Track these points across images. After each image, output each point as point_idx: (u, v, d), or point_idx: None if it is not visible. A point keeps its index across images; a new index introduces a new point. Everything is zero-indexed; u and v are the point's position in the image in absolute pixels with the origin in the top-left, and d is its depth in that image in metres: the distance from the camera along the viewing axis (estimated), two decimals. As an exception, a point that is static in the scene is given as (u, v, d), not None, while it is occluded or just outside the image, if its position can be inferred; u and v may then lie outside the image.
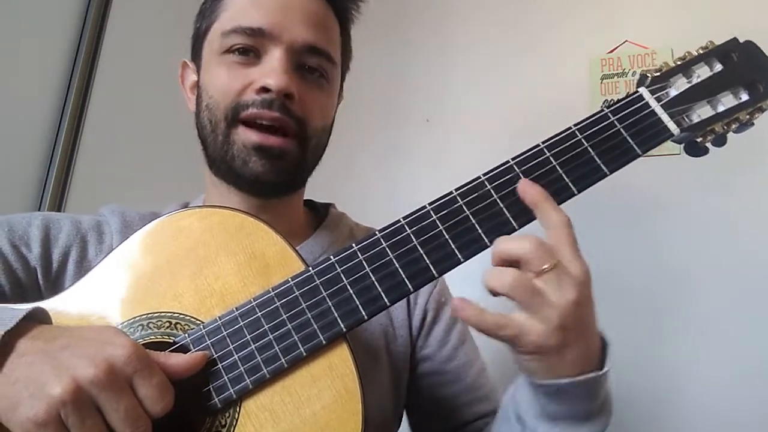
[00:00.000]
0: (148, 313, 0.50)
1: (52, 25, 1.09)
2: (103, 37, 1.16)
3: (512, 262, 0.45)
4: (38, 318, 0.45)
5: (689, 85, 0.55)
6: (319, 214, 0.75)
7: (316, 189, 0.75)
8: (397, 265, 0.49)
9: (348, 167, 1.42)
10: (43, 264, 0.58)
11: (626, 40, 1.22)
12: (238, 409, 0.47)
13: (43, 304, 0.50)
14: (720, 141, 0.55)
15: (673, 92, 0.54)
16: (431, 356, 0.70)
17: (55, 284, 0.58)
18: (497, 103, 1.33)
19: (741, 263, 1.06)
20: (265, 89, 0.57)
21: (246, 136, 0.58)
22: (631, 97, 0.53)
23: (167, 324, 0.49)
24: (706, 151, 0.56)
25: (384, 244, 0.50)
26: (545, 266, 0.43)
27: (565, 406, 0.47)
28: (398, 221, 0.51)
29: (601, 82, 1.22)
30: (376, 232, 0.50)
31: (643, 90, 0.53)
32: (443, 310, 0.72)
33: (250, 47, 0.59)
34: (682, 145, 0.56)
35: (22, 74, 1.03)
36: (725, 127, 0.54)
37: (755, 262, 1.06)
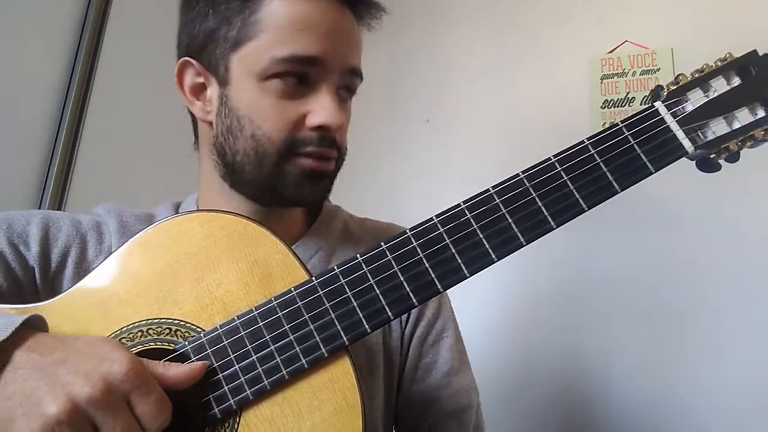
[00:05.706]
0: (148, 319, 0.49)
1: (52, 25, 1.08)
2: (103, 37, 1.15)
3: None
4: (35, 326, 0.44)
5: (706, 99, 0.53)
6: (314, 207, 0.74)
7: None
8: (401, 278, 0.48)
9: (347, 167, 1.40)
10: (42, 263, 0.57)
11: (626, 40, 1.21)
12: (237, 420, 0.47)
13: (42, 306, 0.50)
14: (733, 158, 0.54)
15: (689, 107, 0.52)
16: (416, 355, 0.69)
17: (53, 284, 0.57)
18: (497, 103, 1.32)
19: (754, 266, 1.06)
20: (322, 128, 0.57)
21: (305, 164, 0.58)
22: (646, 112, 0.52)
23: (167, 330, 0.49)
24: (718, 167, 0.54)
25: (389, 256, 0.49)
26: None
27: None
28: (404, 232, 0.50)
29: (601, 82, 1.23)
30: (382, 244, 0.49)
31: (659, 105, 0.52)
32: (426, 307, 0.71)
33: (303, 76, 0.57)
34: (694, 162, 0.55)
35: (22, 74, 1.02)
36: (739, 144, 0.53)
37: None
